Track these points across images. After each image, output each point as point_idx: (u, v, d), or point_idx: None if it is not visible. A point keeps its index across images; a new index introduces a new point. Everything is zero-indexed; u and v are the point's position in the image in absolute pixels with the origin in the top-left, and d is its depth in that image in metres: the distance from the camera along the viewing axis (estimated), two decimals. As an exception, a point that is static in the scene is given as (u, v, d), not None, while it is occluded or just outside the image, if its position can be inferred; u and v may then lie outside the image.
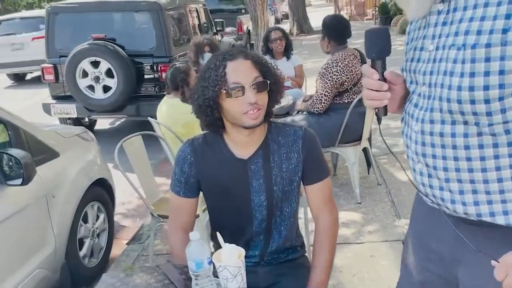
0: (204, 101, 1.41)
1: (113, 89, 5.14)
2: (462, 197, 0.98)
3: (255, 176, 1.49)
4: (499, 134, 0.90)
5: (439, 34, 0.96)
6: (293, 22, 16.56)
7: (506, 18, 0.85)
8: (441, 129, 0.97)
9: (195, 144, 1.54)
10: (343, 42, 3.26)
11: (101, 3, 5.75)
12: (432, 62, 0.97)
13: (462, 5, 0.92)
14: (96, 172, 3.01)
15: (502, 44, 0.85)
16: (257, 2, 7.35)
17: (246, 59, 1.41)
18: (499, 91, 0.86)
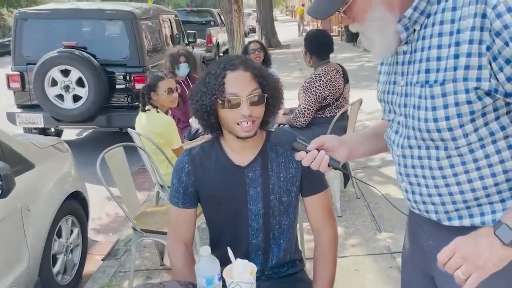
0: (201, 106, 1.43)
1: (84, 98, 4.98)
2: (444, 208, 1.10)
3: (253, 184, 1.48)
4: (465, 154, 1.03)
5: (407, 72, 1.08)
6: (261, 36, 16.73)
7: (455, 58, 0.97)
8: (418, 153, 1.10)
9: (193, 153, 1.54)
10: (325, 57, 3.30)
11: (73, 10, 5.60)
12: (404, 96, 1.10)
13: (420, 47, 1.04)
14: (71, 185, 2.89)
15: (453, 81, 0.97)
16: (233, 15, 7.39)
17: (246, 70, 1.42)
18: (458, 119, 0.99)
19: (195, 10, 16.25)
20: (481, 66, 0.95)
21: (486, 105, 0.98)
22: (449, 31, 0.98)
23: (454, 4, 0.98)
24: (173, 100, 3.23)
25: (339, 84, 3.26)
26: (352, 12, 1.07)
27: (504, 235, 0.93)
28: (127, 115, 4.83)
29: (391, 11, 1.04)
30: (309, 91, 3.20)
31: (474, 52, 0.94)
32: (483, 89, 0.96)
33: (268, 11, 16.97)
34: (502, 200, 1.05)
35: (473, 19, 0.94)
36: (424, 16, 1.03)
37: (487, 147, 1.02)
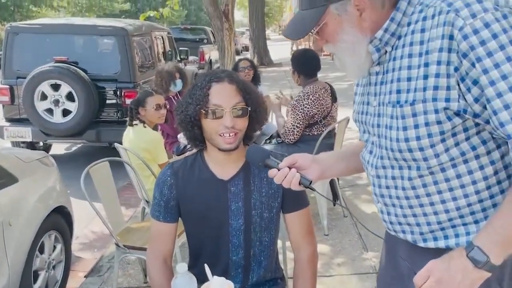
0: (185, 116, 1.45)
1: (73, 113, 4.96)
2: (419, 228, 1.10)
3: (235, 198, 1.48)
4: (437, 173, 1.03)
5: (379, 92, 1.10)
6: (253, 54, 16.88)
7: (424, 78, 0.98)
8: (392, 173, 1.11)
9: (175, 166, 1.54)
10: (313, 75, 3.34)
11: (65, 25, 5.63)
12: (377, 116, 1.11)
13: (391, 68, 1.06)
14: (55, 200, 2.85)
15: (422, 101, 0.98)
16: (225, 33, 7.47)
17: (231, 83, 1.44)
18: (428, 139, 1.00)
19: (189, 28, 16.40)
20: (450, 86, 0.96)
21: (456, 125, 0.98)
22: (419, 52, 1.00)
23: (423, 26, 1.00)
24: (161, 117, 3.24)
25: (327, 102, 3.29)
26: (324, 34, 1.09)
27: (476, 257, 0.94)
28: (116, 130, 4.80)
29: (362, 33, 1.06)
30: (297, 109, 3.22)
31: (442, 73, 0.96)
32: (452, 109, 0.97)
33: (261, 30, 17.16)
34: (476, 222, 1.05)
35: (441, 41, 0.95)
36: (395, 37, 1.05)
37: (458, 167, 1.02)
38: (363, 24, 1.05)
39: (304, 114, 3.22)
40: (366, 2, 1.03)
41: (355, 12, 1.04)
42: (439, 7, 0.96)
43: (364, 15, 1.04)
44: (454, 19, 0.93)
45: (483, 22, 0.91)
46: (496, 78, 0.90)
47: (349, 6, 1.04)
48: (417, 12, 1.02)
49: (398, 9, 1.03)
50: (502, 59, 0.90)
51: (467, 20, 0.92)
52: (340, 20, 1.05)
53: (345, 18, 1.05)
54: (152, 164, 3.02)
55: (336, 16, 1.05)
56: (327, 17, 1.06)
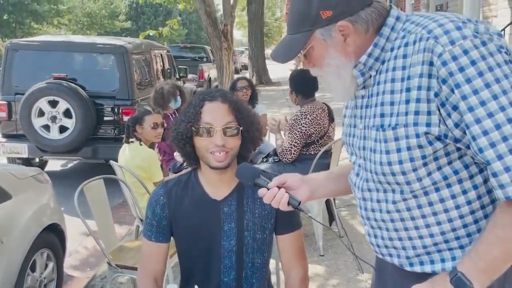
0: (177, 134, 1.46)
1: (70, 129, 4.96)
2: (405, 252, 1.10)
3: (227, 219, 1.47)
4: (420, 196, 1.04)
5: (365, 116, 1.12)
6: (252, 73, 17.00)
7: (406, 103, 0.99)
8: (377, 196, 1.11)
9: (169, 186, 1.53)
10: (311, 95, 3.36)
11: (65, 43, 5.67)
12: (363, 139, 1.12)
13: (376, 92, 1.08)
14: (48, 217, 2.83)
15: (404, 125, 1.00)
16: (223, 53, 7.53)
17: (224, 102, 1.45)
18: (411, 164, 1.00)
19: (189, 46, 16.56)
20: (430, 111, 0.97)
21: (437, 149, 0.99)
22: (401, 77, 1.01)
23: (405, 52, 1.02)
24: (157, 135, 3.24)
25: (324, 122, 3.30)
26: (311, 58, 1.11)
27: (459, 284, 0.94)
28: (113, 147, 4.77)
29: (347, 57, 1.08)
30: (295, 128, 3.23)
31: (423, 98, 0.97)
32: (433, 134, 0.97)
33: (260, 49, 17.31)
34: (461, 247, 1.04)
35: (421, 66, 0.97)
36: (379, 62, 1.07)
37: (441, 191, 1.02)
38: (348, 49, 1.07)
39: (301, 134, 3.23)
40: (350, 28, 1.04)
41: (339, 37, 1.06)
42: (420, 33, 0.98)
43: (348, 40, 1.06)
44: (434, 45, 0.95)
45: (462, 49, 0.92)
46: (475, 104, 0.91)
47: (334, 32, 1.05)
48: (400, 38, 1.04)
49: (382, 35, 1.05)
50: (480, 85, 0.91)
51: (446, 47, 0.93)
52: (326, 44, 1.07)
53: (330, 43, 1.07)
54: (147, 182, 3.01)
55: (321, 41, 1.07)
56: (313, 41, 1.08)
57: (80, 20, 31.59)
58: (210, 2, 7.62)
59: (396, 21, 1.06)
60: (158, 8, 33.69)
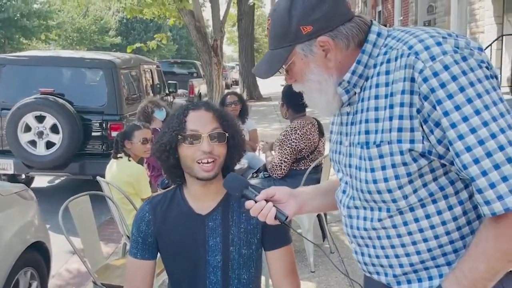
0: (161, 145, 1.43)
1: (57, 145, 4.89)
2: (393, 270, 1.08)
3: (212, 234, 1.45)
4: (406, 212, 1.02)
5: (350, 133, 1.10)
6: (243, 88, 17.06)
7: (389, 120, 0.98)
8: (364, 213, 1.10)
9: (154, 202, 1.51)
10: (301, 110, 3.35)
11: (52, 58, 5.64)
12: (348, 156, 1.11)
13: (360, 108, 1.07)
14: (33, 235, 2.75)
15: (388, 142, 0.98)
16: (213, 68, 7.55)
17: (208, 110, 1.45)
18: (396, 181, 0.99)
19: (179, 62, 16.61)
20: (413, 128, 0.96)
21: (422, 166, 0.98)
22: (384, 94, 1.01)
23: (387, 68, 1.01)
24: (147, 151, 3.20)
25: (314, 137, 3.29)
26: (292, 73, 1.11)
27: None
28: (101, 163, 4.70)
29: (328, 72, 1.07)
30: (285, 144, 3.22)
31: (405, 114, 0.96)
32: (417, 150, 0.96)
33: (250, 65, 17.40)
34: (448, 263, 1.03)
35: (403, 83, 0.96)
36: (363, 79, 1.06)
37: (427, 207, 1.01)
38: (329, 64, 1.06)
39: (291, 149, 3.21)
40: (330, 43, 1.04)
41: (320, 52, 1.05)
42: (401, 49, 0.98)
43: (329, 56, 1.05)
44: (414, 61, 0.94)
45: (443, 65, 0.91)
46: (457, 120, 0.90)
47: (314, 47, 1.05)
48: (382, 54, 1.03)
49: (364, 52, 1.05)
50: (462, 101, 0.90)
51: (426, 63, 0.92)
52: (307, 60, 1.07)
53: (311, 58, 1.06)
54: (135, 199, 2.96)
55: (302, 56, 1.07)
56: (294, 57, 1.08)
57: (69, 35, 31.56)
58: (200, 17, 7.67)
59: (378, 37, 1.05)
60: (148, 23, 33.82)
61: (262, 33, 42.81)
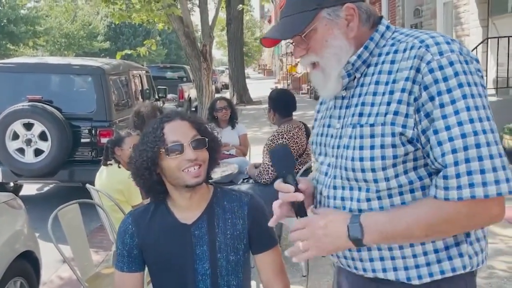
0: (142, 163, 1.41)
1: (46, 152, 4.86)
2: (369, 254, 1.09)
3: (199, 242, 1.45)
4: (384, 198, 1.06)
5: (344, 116, 1.14)
6: (233, 92, 17.08)
7: (387, 105, 1.04)
8: (341, 193, 1.12)
9: (136, 214, 1.51)
10: (288, 114, 3.38)
11: (40, 64, 5.61)
12: (338, 138, 1.14)
13: (357, 93, 1.11)
14: (22, 244, 2.73)
15: (382, 124, 1.03)
16: (203, 73, 7.55)
17: (182, 120, 1.45)
18: (381, 161, 1.03)
19: (168, 66, 16.57)
20: (408, 114, 1.02)
21: (408, 152, 1.03)
22: (386, 81, 1.06)
23: (393, 58, 1.07)
24: (137, 157, 3.19)
25: (302, 140, 3.31)
26: (310, 40, 1.09)
27: (353, 232, 1.01)
28: (90, 170, 4.69)
29: (349, 42, 1.09)
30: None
31: (404, 100, 1.02)
32: (407, 136, 1.02)
33: (240, 68, 17.45)
34: (414, 256, 1.06)
35: (408, 71, 1.02)
36: (365, 65, 1.11)
37: (405, 195, 1.05)
38: (350, 34, 1.09)
39: (279, 154, 3.22)
40: (356, 12, 1.08)
41: (344, 20, 1.08)
42: (412, 42, 1.04)
43: (351, 25, 1.08)
44: (424, 53, 1.00)
45: (448, 61, 0.99)
46: (449, 113, 0.97)
47: (341, 12, 1.08)
48: (389, 45, 1.09)
49: (372, 39, 1.10)
50: (458, 96, 0.97)
51: (435, 56, 0.99)
52: (331, 26, 1.08)
53: (335, 24, 1.08)
54: (125, 206, 2.95)
55: (327, 21, 1.08)
56: (317, 22, 1.08)
57: (57, 41, 31.30)
58: (189, 22, 7.67)
59: (386, 30, 1.11)
60: (137, 28, 33.71)
61: (252, 37, 42.94)
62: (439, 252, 1.05)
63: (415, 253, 1.06)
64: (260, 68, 55.18)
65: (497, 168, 0.95)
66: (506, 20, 7.14)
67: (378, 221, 1.01)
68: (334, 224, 1.03)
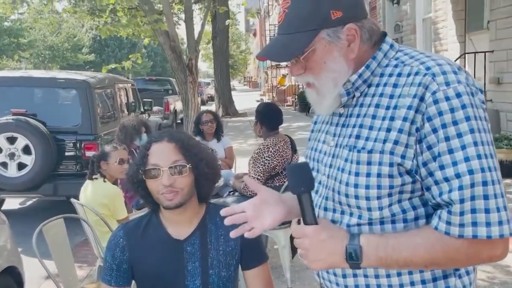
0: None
1: (29, 166, 4.81)
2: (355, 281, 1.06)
3: (191, 258, 1.45)
4: (375, 224, 1.02)
5: (339, 134, 1.09)
6: (219, 104, 17.13)
7: (387, 131, 0.99)
8: (332, 216, 1.08)
9: (128, 227, 1.51)
10: (275, 128, 3.43)
11: (24, 78, 5.58)
12: (331, 157, 1.09)
13: (356, 113, 1.06)
14: (5, 260, 2.69)
15: (380, 152, 0.99)
16: (189, 86, 7.58)
17: (170, 142, 1.44)
18: (377, 191, 0.99)
19: (154, 79, 16.56)
20: (408, 145, 0.97)
21: (405, 183, 0.99)
22: (387, 105, 1.01)
23: (396, 81, 1.01)
24: (123, 171, 3.19)
25: (287, 154, 3.36)
26: (308, 61, 1.04)
27: (352, 254, 0.96)
28: (75, 184, 4.63)
29: (348, 64, 1.05)
30: (258, 162, 3.27)
31: (405, 129, 0.97)
32: (406, 167, 0.98)
33: (225, 81, 17.54)
34: (401, 285, 1.03)
35: (412, 99, 0.97)
36: (366, 84, 1.06)
37: (397, 224, 1.01)
38: (350, 55, 1.04)
39: (265, 167, 3.27)
40: (357, 32, 1.02)
41: (345, 41, 1.02)
42: (417, 67, 0.99)
43: (352, 46, 1.03)
44: (430, 82, 0.96)
45: (455, 92, 0.94)
46: (456, 147, 0.93)
47: (342, 34, 1.02)
48: (392, 66, 1.04)
49: (375, 58, 1.05)
50: (465, 130, 0.93)
51: (441, 86, 0.95)
52: (330, 47, 1.03)
53: (335, 46, 1.03)
54: (111, 220, 2.94)
55: (326, 43, 1.02)
56: (316, 43, 1.02)
57: (41, 53, 31.03)
58: (175, 36, 7.72)
59: (390, 49, 1.06)
60: (123, 40, 33.65)
61: (237, 50, 43.16)
62: (426, 283, 1.02)
63: (402, 283, 1.03)
64: (246, 80, 55.45)
65: (500, 209, 0.92)
66: (481, 36, 7.37)
67: (379, 246, 0.96)
68: (332, 241, 0.98)
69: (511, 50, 6.32)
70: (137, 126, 4.11)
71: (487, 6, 7.09)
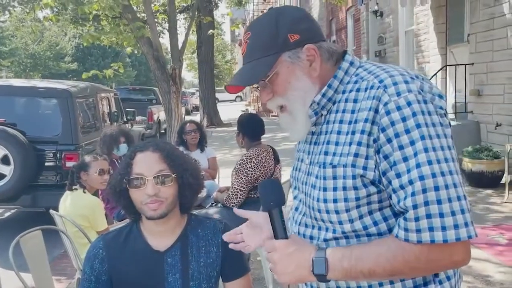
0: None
1: (8, 177, 4.71)
2: None
3: (172, 270, 1.44)
4: (351, 237, 1.05)
5: (312, 152, 1.13)
6: (203, 114, 17.09)
7: (349, 145, 1.03)
8: (310, 232, 1.11)
9: (108, 238, 1.49)
10: (257, 138, 3.43)
11: (3, 87, 5.48)
12: (307, 174, 1.14)
13: (324, 130, 1.11)
14: (-20, 273, 2.62)
15: (343, 165, 1.03)
16: (172, 96, 7.54)
17: (154, 152, 1.44)
18: (344, 203, 1.03)
19: (137, 88, 16.48)
20: (368, 156, 1.01)
21: (371, 193, 1.02)
22: (349, 120, 1.05)
23: (356, 96, 1.06)
24: (103, 182, 3.14)
25: (270, 164, 3.36)
26: (274, 85, 1.10)
27: (318, 266, 0.99)
28: (55, 195, 4.54)
29: (313, 82, 1.10)
30: (241, 173, 3.26)
31: (364, 142, 1.01)
32: (368, 178, 1.01)
33: (210, 91, 17.53)
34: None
35: (367, 112, 1.01)
36: (331, 102, 1.10)
37: (372, 237, 1.03)
38: (313, 73, 1.09)
39: (247, 178, 3.26)
40: (316, 52, 1.08)
41: (306, 61, 1.09)
42: (372, 81, 1.04)
43: (314, 65, 1.09)
44: (382, 94, 1.00)
45: (406, 101, 0.98)
46: (410, 155, 0.96)
47: (302, 54, 1.08)
48: (352, 83, 1.08)
49: (336, 77, 1.10)
50: (416, 137, 0.96)
51: (392, 97, 0.98)
52: (293, 68, 1.09)
53: (297, 66, 1.09)
54: (90, 232, 2.89)
55: (289, 64, 1.08)
56: (279, 65, 1.08)
57: (23, 61, 30.60)
58: (158, 46, 7.70)
59: (350, 66, 1.11)
60: (106, 49, 33.45)
61: (222, 60, 43.29)
62: None
63: None
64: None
65: (455, 212, 0.93)
66: (462, 49, 7.53)
67: (343, 257, 0.99)
68: (300, 255, 1.01)
69: (490, 63, 6.47)
70: (115, 136, 4.05)
71: (467, 19, 7.26)
